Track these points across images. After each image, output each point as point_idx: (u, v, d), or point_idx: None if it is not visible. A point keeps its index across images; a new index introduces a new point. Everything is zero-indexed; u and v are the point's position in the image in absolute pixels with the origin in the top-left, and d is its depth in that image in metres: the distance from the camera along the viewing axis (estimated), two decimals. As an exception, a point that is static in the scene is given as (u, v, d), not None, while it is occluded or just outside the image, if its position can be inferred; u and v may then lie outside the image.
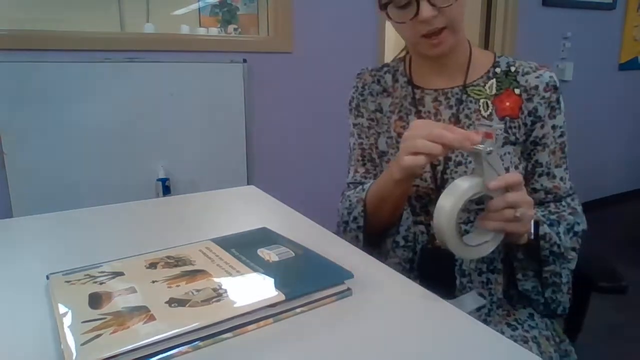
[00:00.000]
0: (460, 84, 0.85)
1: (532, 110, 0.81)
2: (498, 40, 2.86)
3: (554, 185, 0.83)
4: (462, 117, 0.84)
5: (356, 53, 2.37)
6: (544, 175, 0.83)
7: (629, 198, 3.64)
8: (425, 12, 0.73)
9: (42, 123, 1.76)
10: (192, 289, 0.53)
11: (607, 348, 1.81)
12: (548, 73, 0.82)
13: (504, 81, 0.84)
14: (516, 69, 0.84)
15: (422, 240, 0.86)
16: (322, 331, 0.50)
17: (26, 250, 0.74)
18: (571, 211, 0.82)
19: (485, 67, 0.86)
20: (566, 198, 0.84)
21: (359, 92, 0.95)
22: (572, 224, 0.81)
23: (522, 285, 0.81)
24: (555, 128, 0.82)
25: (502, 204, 0.64)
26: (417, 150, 0.66)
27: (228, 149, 2.14)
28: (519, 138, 0.82)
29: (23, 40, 1.73)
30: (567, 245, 0.79)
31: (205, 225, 0.85)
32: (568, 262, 0.79)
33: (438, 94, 0.87)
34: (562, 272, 0.79)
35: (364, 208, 0.86)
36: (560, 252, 0.77)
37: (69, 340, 0.44)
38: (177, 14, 2.47)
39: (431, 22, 0.75)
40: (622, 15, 3.27)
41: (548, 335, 0.82)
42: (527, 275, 0.81)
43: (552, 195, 0.83)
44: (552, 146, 0.82)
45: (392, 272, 0.65)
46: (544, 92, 0.80)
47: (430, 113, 0.87)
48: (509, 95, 0.83)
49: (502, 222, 0.66)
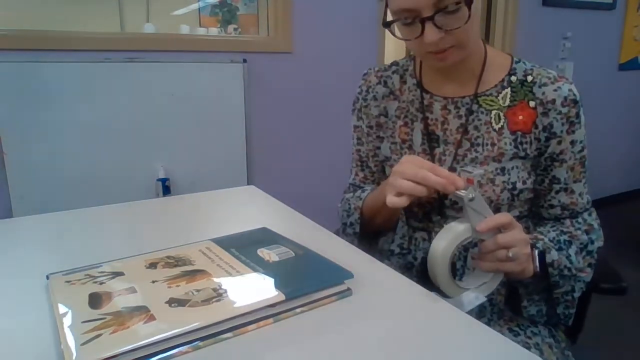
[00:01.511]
0: (472, 93, 0.81)
1: (547, 126, 0.76)
2: (498, 40, 2.86)
3: (571, 202, 0.80)
4: (470, 129, 0.80)
5: (356, 53, 2.37)
6: (561, 191, 0.80)
7: (629, 198, 3.64)
8: (430, 37, 0.69)
9: (42, 123, 1.75)
10: (192, 289, 0.53)
11: (607, 348, 1.81)
12: (567, 86, 0.76)
13: (518, 91, 0.79)
14: (533, 79, 0.78)
15: (423, 246, 0.84)
16: (322, 331, 0.50)
17: (26, 250, 0.74)
18: (587, 228, 0.80)
19: (501, 73, 0.81)
20: (583, 214, 0.81)
21: (363, 95, 0.92)
22: (585, 244, 0.79)
23: (527, 312, 0.79)
24: (574, 143, 0.77)
25: (493, 246, 0.65)
26: (402, 190, 0.67)
27: (228, 149, 2.14)
28: (529, 153, 0.78)
29: (23, 40, 1.73)
30: (579, 266, 0.77)
31: (205, 225, 0.85)
32: (581, 280, 0.78)
33: (447, 101, 0.82)
34: (575, 287, 0.78)
35: (360, 216, 0.87)
36: (572, 275, 0.76)
37: (69, 340, 0.44)
38: (177, 14, 2.47)
39: (437, 44, 0.70)
40: (622, 15, 3.27)
41: (551, 342, 0.80)
42: (532, 299, 0.79)
43: (568, 212, 0.81)
44: (571, 162, 0.78)
45: (392, 272, 0.65)
46: (562, 107, 0.75)
47: (437, 121, 0.83)
48: (522, 108, 0.78)
49: (496, 263, 0.67)
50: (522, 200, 0.79)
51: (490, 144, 0.78)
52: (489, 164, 0.78)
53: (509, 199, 0.77)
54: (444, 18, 0.68)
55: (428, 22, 0.68)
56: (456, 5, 0.67)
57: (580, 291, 0.79)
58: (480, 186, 0.77)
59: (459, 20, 0.68)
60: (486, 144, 0.79)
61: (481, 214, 0.64)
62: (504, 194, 0.77)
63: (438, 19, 0.68)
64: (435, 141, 0.83)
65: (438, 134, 0.83)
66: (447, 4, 0.67)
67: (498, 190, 0.77)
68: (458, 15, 0.68)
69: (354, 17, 2.35)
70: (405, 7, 0.69)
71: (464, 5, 0.67)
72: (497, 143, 0.78)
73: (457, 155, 0.80)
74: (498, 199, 0.77)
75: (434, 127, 0.83)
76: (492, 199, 0.77)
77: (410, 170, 0.66)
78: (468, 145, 0.80)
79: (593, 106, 3.31)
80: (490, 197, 0.77)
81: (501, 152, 0.78)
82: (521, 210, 0.81)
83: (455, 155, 0.80)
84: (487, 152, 0.78)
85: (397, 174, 0.68)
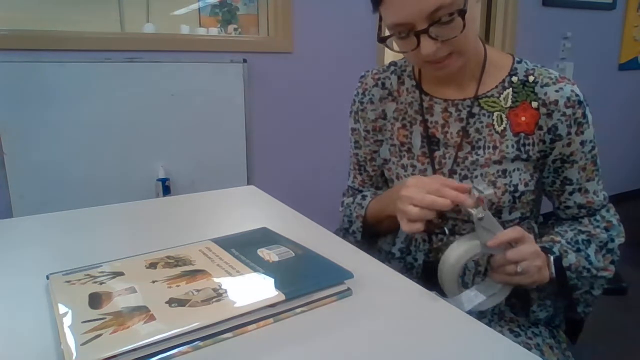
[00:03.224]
0: (472, 95, 0.80)
1: (551, 128, 0.76)
2: (498, 40, 2.86)
3: (587, 201, 0.80)
4: (472, 132, 0.79)
5: (356, 53, 2.37)
6: (575, 192, 0.80)
7: (630, 198, 3.64)
8: (426, 49, 0.68)
9: (42, 123, 1.75)
10: (192, 289, 0.53)
11: (608, 348, 1.81)
12: (569, 87, 0.75)
13: (520, 92, 0.78)
14: (535, 79, 0.77)
15: (423, 248, 0.84)
16: (322, 331, 0.50)
17: (26, 250, 0.74)
18: (606, 225, 0.80)
19: (502, 74, 0.80)
20: (600, 210, 0.81)
21: (359, 98, 0.91)
22: (605, 242, 0.78)
23: (535, 316, 0.79)
24: (584, 143, 0.76)
25: (503, 262, 0.66)
26: (412, 218, 0.68)
27: (228, 149, 2.14)
28: (531, 155, 0.77)
29: (23, 40, 1.73)
30: (599, 265, 0.77)
31: (205, 225, 0.85)
32: (602, 277, 0.78)
33: (448, 104, 0.81)
34: (595, 284, 0.78)
35: (362, 224, 0.87)
36: (592, 275, 0.76)
37: (69, 340, 0.44)
38: (177, 14, 2.47)
39: (434, 54, 0.69)
40: (622, 15, 3.27)
41: (551, 343, 0.80)
42: (543, 305, 0.79)
43: (585, 210, 0.81)
44: (582, 162, 0.77)
45: (392, 272, 0.65)
46: (565, 108, 0.74)
47: (437, 124, 0.82)
48: (525, 108, 0.77)
49: (506, 276, 0.67)
50: (524, 202, 0.79)
51: (492, 146, 0.78)
52: (490, 167, 0.77)
53: (510, 201, 0.77)
54: (439, 29, 0.67)
55: (423, 35, 0.67)
56: (449, 16, 0.66)
57: (601, 288, 0.79)
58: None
59: (454, 30, 0.67)
60: (487, 146, 0.78)
61: (491, 230, 0.65)
62: (505, 196, 0.77)
63: (433, 30, 0.67)
64: (435, 144, 0.82)
65: (438, 137, 0.82)
66: (441, 15, 0.66)
67: (499, 192, 0.77)
68: (453, 25, 0.67)
69: (354, 17, 2.35)
70: (399, 21, 0.69)
71: (458, 16, 0.66)
72: (498, 146, 0.77)
73: (458, 158, 0.80)
74: (499, 202, 0.77)
75: (434, 130, 0.82)
76: (493, 202, 0.77)
77: (418, 196, 0.67)
78: (469, 148, 0.79)
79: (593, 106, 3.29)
80: (491, 200, 0.76)
81: (502, 154, 0.77)
82: (523, 211, 0.80)
83: (456, 158, 0.80)
84: (488, 155, 0.78)
85: (405, 200, 0.68)
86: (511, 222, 0.79)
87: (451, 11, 0.66)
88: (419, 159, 0.83)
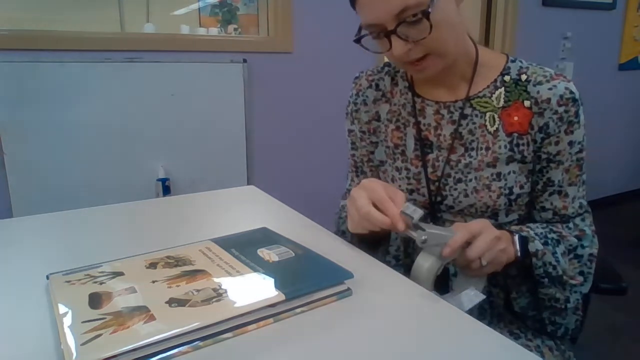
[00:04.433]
0: (464, 97, 0.79)
1: (542, 127, 0.74)
2: (498, 40, 2.86)
3: (563, 206, 0.77)
4: (464, 133, 0.78)
5: (356, 53, 2.35)
6: (555, 193, 0.77)
7: (629, 198, 3.64)
8: (397, 49, 0.68)
9: (42, 123, 1.76)
10: (192, 289, 0.53)
11: (608, 348, 1.81)
12: (563, 84, 0.73)
13: (513, 91, 0.76)
14: (527, 78, 0.76)
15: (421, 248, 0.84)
16: (322, 331, 0.50)
17: (26, 250, 0.74)
18: (578, 233, 0.76)
19: (494, 74, 0.79)
20: (575, 219, 0.78)
21: (353, 99, 0.90)
22: (574, 246, 0.75)
23: (518, 304, 0.77)
24: (572, 144, 0.74)
25: (465, 262, 0.66)
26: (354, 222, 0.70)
27: (228, 149, 2.14)
28: (526, 156, 0.76)
29: (23, 40, 1.73)
30: (566, 267, 0.74)
31: (205, 225, 0.85)
32: (572, 288, 0.74)
33: (440, 106, 0.80)
34: (568, 297, 0.75)
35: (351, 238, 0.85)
36: (559, 275, 0.72)
37: (69, 340, 0.44)
38: (177, 14, 2.47)
39: (407, 55, 0.69)
40: (622, 15, 3.27)
41: (551, 345, 0.79)
42: (520, 291, 0.77)
43: (559, 217, 0.78)
44: (567, 163, 0.75)
45: (392, 272, 0.65)
46: (557, 106, 0.72)
47: (430, 127, 0.81)
48: (517, 108, 0.75)
49: (476, 271, 0.67)
50: (520, 204, 0.78)
51: (485, 147, 0.77)
52: (483, 170, 0.77)
53: (506, 204, 0.76)
54: (407, 30, 0.67)
55: (393, 35, 0.68)
56: (414, 17, 0.66)
57: (576, 302, 0.76)
58: (476, 192, 0.76)
59: (422, 31, 0.67)
60: (480, 147, 0.77)
61: (441, 242, 0.63)
62: (500, 199, 0.76)
63: (401, 31, 0.67)
64: (428, 147, 0.81)
65: (431, 139, 0.81)
66: (406, 16, 0.66)
67: (495, 196, 0.76)
68: (420, 26, 0.67)
69: (354, 17, 2.34)
70: (371, 22, 0.70)
71: (422, 17, 0.66)
72: (491, 146, 0.76)
73: (451, 161, 0.79)
74: (495, 205, 0.76)
75: (427, 132, 0.82)
76: (488, 205, 0.76)
77: (359, 202, 0.67)
78: (462, 151, 0.79)
79: (593, 106, 3.31)
80: (487, 203, 0.76)
81: (495, 156, 0.76)
82: (520, 213, 0.80)
83: (449, 161, 0.79)
84: (480, 157, 0.77)
85: (351, 202, 0.70)
86: (509, 224, 0.79)
87: (415, 12, 0.66)
88: (413, 161, 0.82)
